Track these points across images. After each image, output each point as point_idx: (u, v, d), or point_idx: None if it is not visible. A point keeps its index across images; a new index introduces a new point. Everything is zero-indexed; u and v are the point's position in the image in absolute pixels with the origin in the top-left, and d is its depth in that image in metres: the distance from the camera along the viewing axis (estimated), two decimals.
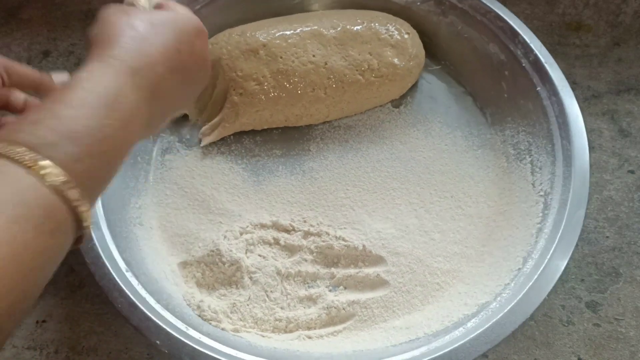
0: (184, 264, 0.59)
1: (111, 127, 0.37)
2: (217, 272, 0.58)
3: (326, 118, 0.68)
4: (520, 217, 0.59)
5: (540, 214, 0.57)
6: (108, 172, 0.38)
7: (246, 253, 0.59)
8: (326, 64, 0.65)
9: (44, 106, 0.36)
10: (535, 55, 0.63)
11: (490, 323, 0.50)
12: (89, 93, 0.37)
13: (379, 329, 0.56)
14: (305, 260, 0.60)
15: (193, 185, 0.64)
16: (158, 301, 0.52)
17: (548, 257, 0.53)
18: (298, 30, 0.66)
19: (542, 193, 0.59)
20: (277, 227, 0.61)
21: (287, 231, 0.61)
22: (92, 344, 0.59)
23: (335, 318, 0.57)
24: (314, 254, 0.60)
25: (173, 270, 0.59)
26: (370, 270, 0.59)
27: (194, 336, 0.51)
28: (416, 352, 0.50)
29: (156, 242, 0.60)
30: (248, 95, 0.65)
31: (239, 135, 0.68)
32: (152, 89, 0.41)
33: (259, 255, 0.60)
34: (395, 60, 0.67)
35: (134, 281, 0.53)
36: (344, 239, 0.60)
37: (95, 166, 0.36)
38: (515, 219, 0.60)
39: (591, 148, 0.68)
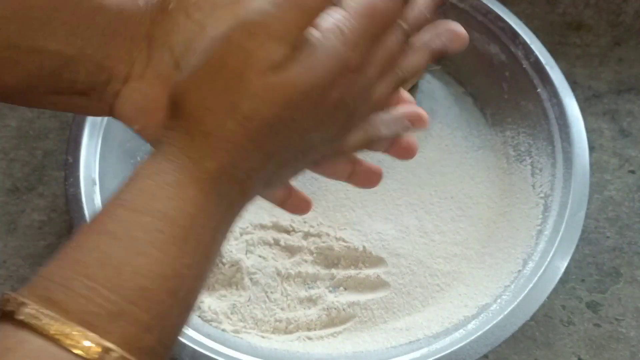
0: None
1: (188, 267, 0.28)
2: (217, 272, 0.58)
3: None
4: (521, 218, 0.59)
5: (541, 216, 0.57)
6: (186, 316, 0.30)
7: (246, 254, 0.59)
8: None
9: (97, 237, 0.28)
10: (536, 56, 0.63)
11: (490, 325, 0.50)
12: (157, 221, 0.28)
13: (379, 330, 0.56)
14: (305, 261, 0.59)
15: None
16: None
17: (548, 259, 0.53)
18: None
19: (542, 195, 0.59)
20: (277, 227, 0.61)
21: (287, 232, 0.61)
22: None
23: (335, 319, 0.57)
24: (314, 255, 0.60)
25: None
26: (370, 272, 0.59)
27: (195, 337, 0.51)
28: (416, 354, 0.50)
29: None
30: None
31: None
32: (240, 187, 0.31)
33: (259, 256, 0.59)
34: None
35: None
36: (344, 240, 0.60)
37: (170, 324, 0.28)
38: (515, 220, 0.60)
39: (592, 148, 0.67)
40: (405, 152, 0.39)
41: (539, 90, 0.62)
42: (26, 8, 0.30)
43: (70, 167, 0.57)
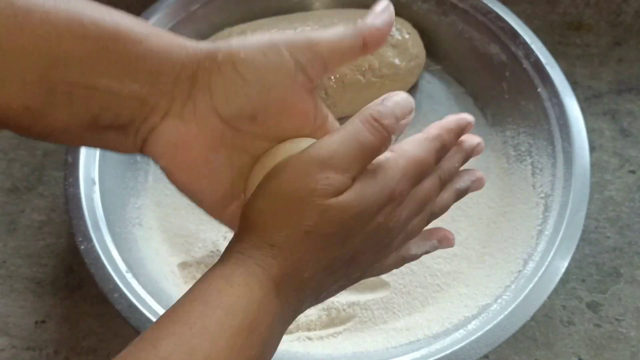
0: (184, 265, 0.59)
1: (248, 356, 0.32)
2: None
3: None
4: (521, 218, 0.59)
5: (541, 216, 0.57)
6: None
7: None
8: None
9: (173, 325, 0.32)
10: (536, 56, 0.63)
11: (490, 325, 0.50)
12: (226, 315, 0.32)
13: (379, 330, 0.56)
14: None
15: None
16: (158, 302, 0.52)
17: (549, 259, 0.53)
18: (298, 30, 0.65)
19: (542, 195, 0.59)
20: None
21: None
22: (92, 345, 0.59)
23: (335, 319, 0.57)
24: None
25: (173, 271, 0.58)
26: None
27: None
28: (417, 354, 0.50)
29: (156, 243, 0.60)
30: None
31: None
32: (297, 294, 0.35)
33: None
34: (396, 61, 0.66)
35: (133, 282, 0.53)
36: None
37: None
38: (515, 220, 0.60)
39: (592, 148, 0.67)
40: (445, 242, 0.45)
41: (539, 90, 0.62)
42: (77, 49, 0.32)
43: (70, 167, 0.57)
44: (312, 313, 0.57)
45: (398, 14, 0.70)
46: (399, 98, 0.37)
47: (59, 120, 0.33)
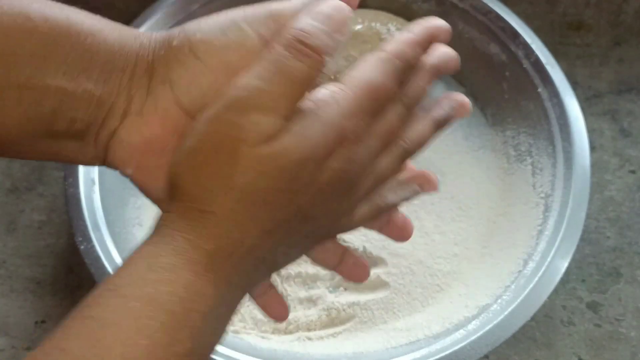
0: None
1: (180, 356, 0.27)
2: None
3: None
4: (521, 218, 0.59)
5: (541, 216, 0.57)
6: None
7: None
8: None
9: (84, 323, 0.27)
10: (537, 56, 0.63)
11: (490, 325, 0.50)
12: (146, 308, 0.27)
13: (379, 330, 0.56)
14: (305, 261, 0.59)
15: None
16: None
17: (549, 259, 0.53)
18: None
19: (542, 195, 0.59)
20: None
21: None
22: None
23: (335, 319, 0.57)
24: None
25: None
26: (370, 272, 0.59)
27: None
28: (417, 355, 0.50)
29: None
30: None
31: None
32: (242, 267, 0.30)
33: None
34: None
35: None
36: (344, 240, 0.60)
37: None
38: (516, 220, 0.60)
39: (592, 148, 0.67)
40: (400, 231, 0.39)
41: (539, 90, 0.62)
42: (25, 45, 0.30)
43: (70, 167, 0.57)
44: (312, 313, 0.57)
45: (398, 13, 0.70)
46: (327, 7, 0.30)
47: (9, 128, 0.31)
